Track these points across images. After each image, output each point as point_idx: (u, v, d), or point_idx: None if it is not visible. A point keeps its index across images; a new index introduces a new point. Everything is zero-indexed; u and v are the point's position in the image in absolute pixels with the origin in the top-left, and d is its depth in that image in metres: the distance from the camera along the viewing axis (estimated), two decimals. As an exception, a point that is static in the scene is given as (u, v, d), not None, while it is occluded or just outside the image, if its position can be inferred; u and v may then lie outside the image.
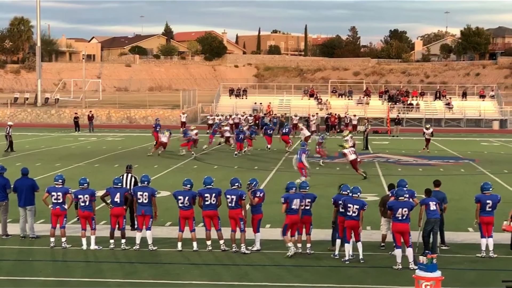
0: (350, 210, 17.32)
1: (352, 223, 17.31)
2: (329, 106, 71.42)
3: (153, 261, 17.48)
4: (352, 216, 17.30)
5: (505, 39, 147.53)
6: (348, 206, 17.36)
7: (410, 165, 38.31)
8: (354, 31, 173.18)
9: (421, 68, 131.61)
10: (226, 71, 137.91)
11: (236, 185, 18.27)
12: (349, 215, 17.33)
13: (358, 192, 17.60)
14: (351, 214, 17.30)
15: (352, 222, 17.31)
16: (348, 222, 17.34)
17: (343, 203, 17.47)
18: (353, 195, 17.51)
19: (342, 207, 17.52)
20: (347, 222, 17.35)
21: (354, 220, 17.30)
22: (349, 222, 17.33)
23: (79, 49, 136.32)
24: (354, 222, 17.31)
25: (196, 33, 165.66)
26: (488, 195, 18.02)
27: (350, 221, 17.32)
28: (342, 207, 17.57)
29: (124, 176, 20.52)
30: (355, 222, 17.31)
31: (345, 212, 17.40)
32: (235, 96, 75.69)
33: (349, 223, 17.33)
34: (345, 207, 17.42)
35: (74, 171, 33.56)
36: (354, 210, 17.30)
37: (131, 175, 20.64)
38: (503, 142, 53.05)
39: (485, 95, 74.85)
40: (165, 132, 42.08)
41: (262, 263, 17.25)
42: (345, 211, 17.41)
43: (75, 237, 18.99)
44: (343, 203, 17.47)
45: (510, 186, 27.99)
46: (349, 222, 17.33)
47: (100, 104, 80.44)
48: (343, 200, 17.55)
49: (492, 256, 17.73)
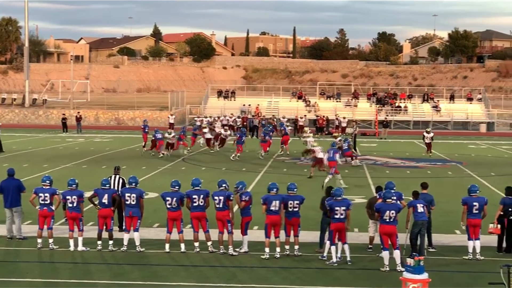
0: (338, 212, 17.36)
1: (339, 225, 17.35)
2: (317, 108, 71.48)
3: (141, 262, 17.46)
4: (340, 218, 17.35)
5: (493, 42, 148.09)
6: (335, 209, 17.39)
7: (397, 168, 38.40)
8: (343, 33, 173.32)
9: (409, 71, 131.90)
10: (214, 72, 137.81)
11: (223, 187, 18.26)
12: (336, 218, 17.35)
13: (341, 194, 17.67)
14: (339, 216, 17.34)
15: (339, 224, 17.35)
16: (335, 224, 17.35)
17: (330, 207, 17.48)
18: (337, 198, 17.55)
19: (330, 211, 17.52)
20: (334, 224, 17.37)
21: (341, 222, 17.35)
22: (336, 224, 17.35)
23: (67, 50, 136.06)
24: (341, 224, 17.35)
25: (185, 35, 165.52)
26: (475, 197, 18.09)
27: (337, 223, 17.35)
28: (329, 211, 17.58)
29: (112, 177, 20.50)
30: (342, 224, 17.36)
31: (333, 215, 17.42)
32: (223, 98, 75.63)
33: (336, 225, 17.35)
34: (332, 211, 17.43)
35: (62, 172, 33.48)
36: (341, 212, 17.35)
37: (119, 176, 20.63)
38: (490, 145, 53.23)
39: (472, 98, 75.06)
40: (170, 133, 42.27)
41: (250, 265, 17.25)
42: (333, 214, 17.42)
43: (62, 238, 18.94)
44: (330, 207, 17.47)
45: (497, 189, 28.08)
46: (336, 225, 17.35)
47: (88, 105, 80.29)
48: (329, 204, 17.55)
49: (479, 259, 17.80)
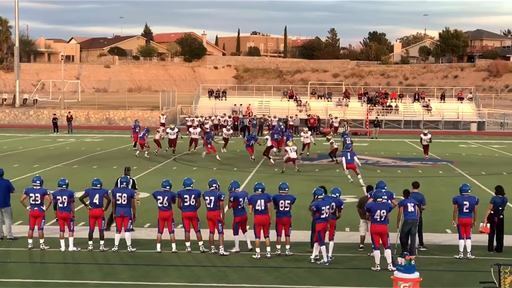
0: (324, 212, 17.39)
1: (326, 225, 17.40)
2: (308, 107, 71.53)
3: (132, 262, 17.44)
4: (326, 218, 17.40)
5: (483, 42, 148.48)
6: (321, 209, 17.42)
7: (389, 167, 38.46)
8: (334, 33, 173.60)
9: (400, 70, 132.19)
10: (205, 72, 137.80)
11: (214, 187, 18.25)
12: (322, 218, 17.39)
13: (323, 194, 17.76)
14: (325, 216, 17.38)
15: (326, 224, 17.41)
16: (321, 224, 17.37)
17: (316, 207, 17.48)
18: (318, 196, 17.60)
19: (316, 211, 17.54)
20: (321, 224, 17.39)
21: (327, 221, 17.42)
22: (323, 224, 17.38)
23: (58, 49, 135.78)
24: (327, 224, 17.42)
25: (176, 34, 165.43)
26: (466, 196, 18.12)
27: (324, 223, 17.39)
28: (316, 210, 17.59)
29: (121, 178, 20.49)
30: (327, 224, 17.43)
31: (319, 215, 17.44)
32: (214, 98, 75.58)
33: (322, 225, 17.37)
34: (318, 210, 17.44)
35: (53, 172, 33.41)
36: (326, 211, 17.41)
37: (129, 177, 20.59)
38: (480, 144, 53.35)
39: (463, 97, 75.21)
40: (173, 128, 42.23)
41: (241, 265, 17.25)
42: (319, 214, 17.43)
43: (53, 239, 18.91)
44: (316, 207, 17.48)
45: (487, 188, 28.14)
46: (322, 225, 17.37)
47: (79, 105, 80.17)
48: (314, 204, 17.54)
49: (470, 257, 17.83)
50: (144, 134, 41.55)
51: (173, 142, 41.97)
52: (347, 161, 31.19)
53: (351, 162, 31.21)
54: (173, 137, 41.89)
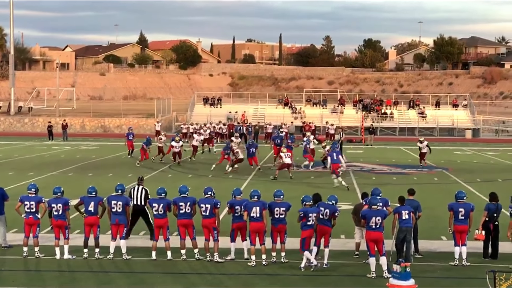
0: (310, 219, 17.47)
1: (312, 232, 17.53)
2: (303, 115, 71.61)
3: (127, 270, 17.42)
4: (312, 225, 17.51)
5: (478, 49, 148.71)
6: (308, 215, 17.48)
7: (384, 174, 38.49)
8: (329, 40, 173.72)
9: (394, 77, 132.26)
10: (200, 80, 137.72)
11: (209, 194, 18.26)
12: (308, 225, 17.48)
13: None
14: (311, 223, 17.48)
15: (312, 231, 17.54)
16: (307, 232, 17.45)
17: (304, 213, 17.55)
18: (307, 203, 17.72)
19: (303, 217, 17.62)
20: (306, 232, 17.50)
21: (313, 229, 17.55)
22: (309, 231, 17.47)
23: (53, 57, 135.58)
24: (313, 231, 17.56)
25: (171, 42, 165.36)
26: (461, 203, 18.13)
27: (310, 230, 17.50)
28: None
29: (135, 188, 20.51)
30: (313, 231, 17.56)
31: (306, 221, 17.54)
32: (209, 105, 75.67)
33: (308, 232, 17.46)
34: (305, 217, 17.50)
35: (48, 180, 33.37)
36: (313, 218, 17.51)
37: (142, 187, 20.55)
38: (475, 151, 53.43)
39: (458, 104, 75.41)
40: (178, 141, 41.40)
41: (237, 272, 17.24)
42: (306, 220, 17.52)
43: (48, 246, 18.87)
44: (304, 214, 17.55)
45: (483, 195, 28.16)
46: (308, 232, 17.46)
47: (74, 112, 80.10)
48: (302, 211, 17.62)
49: (465, 264, 17.84)
50: (147, 144, 41.26)
51: (178, 154, 41.19)
52: (333, 161, 31.76)
53: (337, 162, 31.81)
54: (177, 150, 40.92)
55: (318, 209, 17.70)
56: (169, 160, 41.64)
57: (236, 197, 18.41)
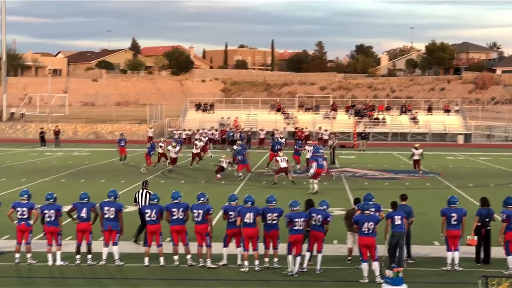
0: (297, 224, 17.51)
1: (298, 237, 17.55)
2: (296, 120, 71.67)
3: (120, 276, 17.40)
4: (298, 230, 17.54)
5: (469, 54, 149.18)
6: (294, 221, 17.53)
7: (376, 179, 38.53)
8: (321, 46, 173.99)
9: (387, 83, 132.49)
10: (193, 85, 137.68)
11: (202, 200, 18.26)
12: (295, 229, 17.54)
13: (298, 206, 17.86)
14: (297, 228, 17.52)
15: (298, 236, 17.55)
16: (294, 236, 17.53)
17: (289, 219, 17.60)
18: (294, 208, 17.74)
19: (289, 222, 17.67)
20: (293, 236, 17.55)
21: (300, 234, 17.56)
22: (295, 236, 17.55)
23: (45, 63, 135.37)
24: (300, 236, 17.56)
25: (163, 48, 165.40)
26: (454, 208, 18.17)
27: (296, 235, 17.55)
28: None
29: (139, 192, 20.55)
30: (301, 236, 17.57)
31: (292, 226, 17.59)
32: (202, 111, 75.68)
33: (295, 237, 17.54)
34: (291, 222, 17.56)
35: (40, 186, 33.31)
36: (300, 224, 17.55)
37: (146, 191, 20.58)
38: (467, 156, 53.55)
39: (450, 110, 75.60)
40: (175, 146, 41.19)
41: (230, 278, 17.23)
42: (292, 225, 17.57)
43: (40, 253, 18.83)
44: (289, 219, 17.60)
45: (475, 200, 28.22)
46: (295, 237, 17.54)
47: (66, 119, 79.99)
48: (288, 216, 17.66)
49: (458, 270, 17.87)
50: (150, 150, 40.97)
51: (174, 160, 40.88)
52: (318, 166, 32.10)
53: (322, 168, 32.35)
54: (174, 156, 40.63)
55: (305, 214, 17.72)
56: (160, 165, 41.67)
57: (231, 203, 18.41)
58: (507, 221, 17.75)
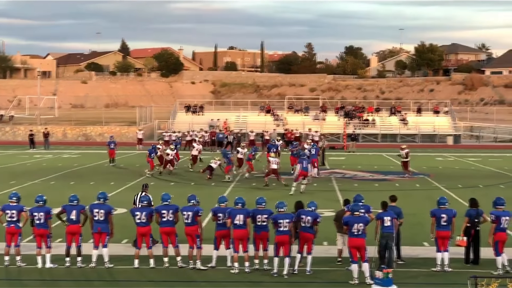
0: (281, 225, 17.56)
1: (283, 238, 17.56)
2: (285, 122, 71.69)
3: (110, 278, 17.37)
4: (284, 231, 17.56)
5: (458, 56, 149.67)
6: (278, 222, 17.58)
7: (366, 181, 38.59)
8: (310, 47, 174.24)
9: (376, 84, 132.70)
10: (182, 87, 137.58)
11: (192, 202, 18.26)
12: (280, 230, 17.59)
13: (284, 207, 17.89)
14: (282, 229, 17.55)
15: (283, 237, 17.56)
16: (279, 237, 17.59)
17: (273, 220, 17.70)
18: (280, 210, 17.80)
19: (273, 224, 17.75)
20: (278, 237, 17.61)
21: (285, 234, 17.56)
22: (280, 237, 17.59)
23: (34, 65, 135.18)
24: (284, 237, 17.56)
25: (153, 50, 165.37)
26: (443, 209, 18.22)
27: (281, 236, 17.57)
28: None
29: (138, 194, 20.56)
30: (286, 237, 17.56)
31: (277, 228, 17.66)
32: (191, 113, 75.64)
33: (279, 238, 17.59)
34: (276, 224, 17.64)
35: (30, 188, 33.21)
36: (285, 224, 17.55)
37: (145, 194, 20.56)
38: (457, 157, 53.68)
39: (439, 111, 75.78)
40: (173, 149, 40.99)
41: (220, 280, 17.22)
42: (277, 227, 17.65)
43: (30, 256, 18.77)
44: (274, 220, 17.70)
45: (464, 201, 28.29)
46: (279, 237, 17.59)
47: (55, 121, 79.79)
48: (272, 217, 17.76)
49: (447, 270, 17.91)
50: (152, 152, 40.62)
51: (170, 162, 40.46)
52: (302, 168, 32.62)
53: (306, 170, 32.94)
54: (170, 158, 40.26)
55: (291, 215, 17.73)
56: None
57: (221, 205, 18.41)
58: (496, 222, 17.83)
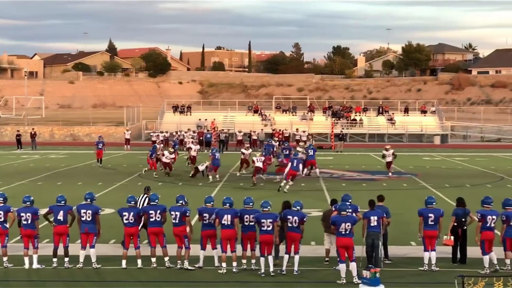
0: (264, 225, 17.60)
1: (266, 237, 17.60)
2: (273, 122, 71.71)
3: (97, 279, 17.33)
4: (267, 230, 17.60)
5: (445, 56, 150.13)
6: (261, 221, 17.62)
7: (354, 180, 38.65)
8: (298, 47, 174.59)
9: (364, 84, 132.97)
10: (170, 87, 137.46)
11: (180, 202, 18.25)
12: (263, 230, 17.63)
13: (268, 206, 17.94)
14: (265, 228, 17.59)
15: (266, 236, 17.60)
16: (262, 236, 17.64)
17: (256, 219, 17.73)
18: (264, 209, 17.83)
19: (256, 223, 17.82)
20: (261, 236, 17.66)
21: (268, 234, 17.60)
22: (263, 236, 17.63)
23: (21, 66, 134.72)
24: (267, 237, 17.60)
25: (140, 50, 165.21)
26: (431, 209, 18.27)
27: (264, 235, 17.62)
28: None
29: (140, 196, 20.52)
30: (269, 236, 17.60)
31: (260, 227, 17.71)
32: (179, 113, 75.56)
33: (262, 237, 17.64)
34: (258, 223, 17.69)
35: (17, 189, 33.10)
36: (267, 224, 17.58)
37: (146, 196, 20.48)
38: (444, 157, 53.83)
39: (426, 111, 76.01)
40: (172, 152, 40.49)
41: (207, 280, 17.22)
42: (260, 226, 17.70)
43: (17, 256, 18.71)
44: (256, 220, 17.73)
45: (451, 200, 28.37)
46: (262, 237, 17.64)
47: (43, 121, 79.52)
48: (255, 217, 17.78)
49: (435, 270, 17.96)
50: (152, 153, 40.12)
51: (168, 165, 39.79)
52: (292, 168, 32.65)
53: (296, 170, 33.07)
54: (167, 161, 39.67)
55: (275, 215, 17.74)
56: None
57: (207, 205, 18.40)
58: (482, 220, 17.91)
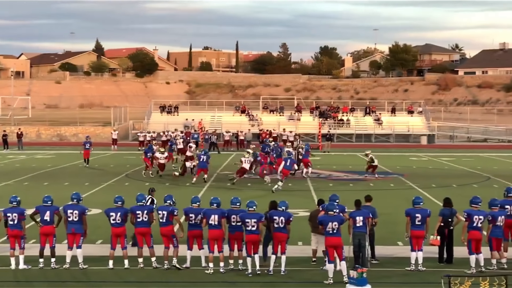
0: (249, 224, 17.63)
1: (251, 237, 17.64)
2: (260, 122, 71.73)
3: (84, 279, 17.29)
4: (252, 230, 17.63)
5: (432, 56, 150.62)
6: (245, 221, 17.64)
7: (341, 180, 38.70)
8: (285, 47, 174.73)
9: (351, 84, 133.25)
10: (157, 87, 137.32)
11: (168, 202, 18.24)
12: (248, 230, 17.67)
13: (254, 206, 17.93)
14: (250, 228, 17.63)
15: (251, 236, 17.64)
16: (247, 236, 17.70)
17: (241, 219, 17.76)
18: (249, 209, 17.85)
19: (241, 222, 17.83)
20: (247, 236, 17.72)
21: (253, 234, 17.63)
22: (249, 236, 17.68)
23: (7, 65, 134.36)
24: (253, 236, 17.64)
25: (127, 50, 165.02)
26: (418, 209, 18.31)
27: (249, 235, 17.66)
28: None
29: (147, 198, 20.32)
30: (255, 236, 17.65)
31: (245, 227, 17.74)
32: (166, 113, 75.47)
33: (248, 237, 17.70)
34: (243, 223, 17.71)
35: (3, 189, 33.01)
36: (252, 224, 17.60)
37: (150, 197, 20.49)
38: (431, 157, 53.97)
39: (413, 111, 76.21)
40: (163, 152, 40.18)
41: (195, 280, 17.21)
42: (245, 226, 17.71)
43: (3, 257, 18.66)
44: (241, 219, 17.75)
45: (438, 200, 28.44)
46: (248, 237, 17.70)
47: (29, 121, 79.21)
48: (240, 216, 17.81)
49: (421, 269, 18.00)
50: (147, 152, 39.88)
51: (161, 166, 39.41)
52: (285, 167, 33.29)
53: (289, 169, 33.76)
54: (162, 162, 39.37)
55: (260, 215, 17.75)
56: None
57: (193, 205, 18.38)
58: (468, 220, 17.97)
